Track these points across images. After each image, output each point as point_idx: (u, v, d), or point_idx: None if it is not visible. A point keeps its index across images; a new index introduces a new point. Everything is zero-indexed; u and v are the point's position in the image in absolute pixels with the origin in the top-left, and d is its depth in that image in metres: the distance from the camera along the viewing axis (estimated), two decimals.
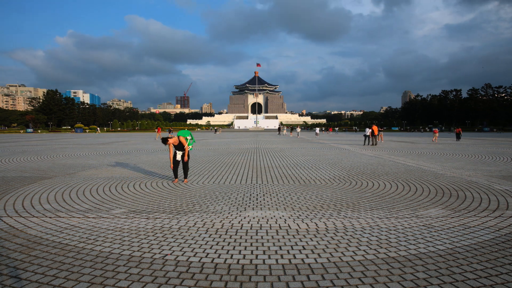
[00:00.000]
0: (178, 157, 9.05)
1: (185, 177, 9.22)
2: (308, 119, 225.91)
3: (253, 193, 7.63)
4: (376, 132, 26.95)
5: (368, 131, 27.94)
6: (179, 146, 9.07)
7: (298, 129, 58.01)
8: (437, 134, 31.96)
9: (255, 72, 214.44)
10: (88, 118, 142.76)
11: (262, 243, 4.36)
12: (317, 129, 56.80)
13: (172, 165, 9.07)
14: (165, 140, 9.00)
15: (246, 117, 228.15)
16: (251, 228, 4.99)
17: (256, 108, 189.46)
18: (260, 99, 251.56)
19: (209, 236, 4.63)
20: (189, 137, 9.26)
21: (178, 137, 9.03)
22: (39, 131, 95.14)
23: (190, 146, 9.32)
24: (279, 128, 66.84)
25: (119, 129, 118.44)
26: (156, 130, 42.61)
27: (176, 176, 9.22)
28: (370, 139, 27.30)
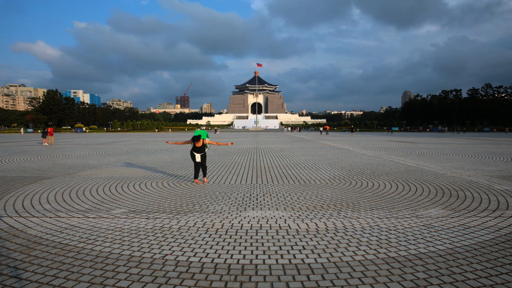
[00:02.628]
0: (198, 159, 9.08)
1: (204, 175, 9.19)
2: (308, 119, 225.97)
3: (253, 193, 7.63)
4: (328, 129, 62.72)
5: (321, 128, 63.92)
6: (199, 148, 9.08)
7: (285, 128, 79.23)
8: None
9: (255, 72, 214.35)
10: (88, 118, 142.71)
11: (262, 243, 4.36)
12: (289, 128, 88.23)
13: (169, 141, 10.10)
14: (196, 139, 9.06)
15: (246, 117, 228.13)
16: (251, 228, 4.99)
17: (256, 108, 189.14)
18: (260, 99, 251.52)
19: (209, 236, 4.63)
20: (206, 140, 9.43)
21: (203, 139, 9.13)
22: (39, 131, 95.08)
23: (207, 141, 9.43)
24: (285, 128, 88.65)
25: (119, 129, 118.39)
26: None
27: (196, 176, 9.18)
28: (323, 132, 61.34)
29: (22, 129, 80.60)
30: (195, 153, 9.12)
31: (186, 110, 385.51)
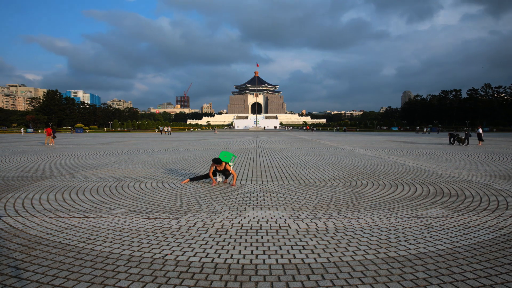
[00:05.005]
0: (220, 178, 8.88)
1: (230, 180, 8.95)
2: (308, 119, 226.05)
3: (253, 193, 7.64)
4: (308, 128, 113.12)
5: (305, 127, 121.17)
6: (221, 170, 8.74)
7: (287, 128, 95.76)
8: None
9: (255, 72, 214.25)
10: (88, 118, 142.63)
11: (262, 243, 4.37)
12: (290, 127, 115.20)
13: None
14: (217, 162, 8.45)
15: (246, 117, 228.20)
16: (251, 228, 5.00)
17: (256, 108, 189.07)
18: (260, 99, 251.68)
19: (209, 236, 4.64)
20: (231, 163, 8.96)
21: (226, 164, 8.64)
22: (39, 131, 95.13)
23: (231, 163, 9.05)
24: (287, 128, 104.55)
25: (119, 129, 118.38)
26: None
27: (193, 180, 9.00)
28: (308, 130, 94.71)
29: (22, 129, 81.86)
30: (217, 173, 8.72)
31: (186, 110, 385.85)
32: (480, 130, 26.47)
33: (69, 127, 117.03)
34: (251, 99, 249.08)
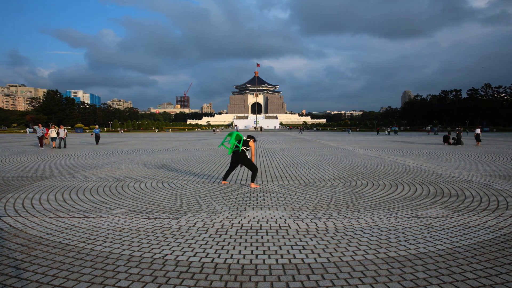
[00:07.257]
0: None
1: (252, 180, 8.38)
2: (308, 119, 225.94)
3: (253, 193, 7.64)
4: (290, 128, 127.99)
5: (299, 128, 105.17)
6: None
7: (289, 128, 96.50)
8: None
9: (255, 72, 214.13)
10: (88, 118, 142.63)
11: (262, 243, 4.37)
12: (289, 127, 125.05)
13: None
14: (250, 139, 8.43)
15: (246, 117, 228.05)
16: (251, 228, 5.00)
17: (256, 108, 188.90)
18: (260, 99, 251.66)
19: (209, 236, 4.64)
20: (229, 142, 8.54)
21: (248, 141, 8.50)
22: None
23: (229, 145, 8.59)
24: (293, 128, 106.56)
25: (119, 129, 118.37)
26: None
27: (225, 178, 8.80)
28: (301, 131, 74.68)
29: (27, 129, 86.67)
30: (235, 165, 8.44)
31: (186, 110, 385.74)
32: (478, 131, 25.92)
33: (69, 127, 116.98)
34: (251, 99, 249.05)
